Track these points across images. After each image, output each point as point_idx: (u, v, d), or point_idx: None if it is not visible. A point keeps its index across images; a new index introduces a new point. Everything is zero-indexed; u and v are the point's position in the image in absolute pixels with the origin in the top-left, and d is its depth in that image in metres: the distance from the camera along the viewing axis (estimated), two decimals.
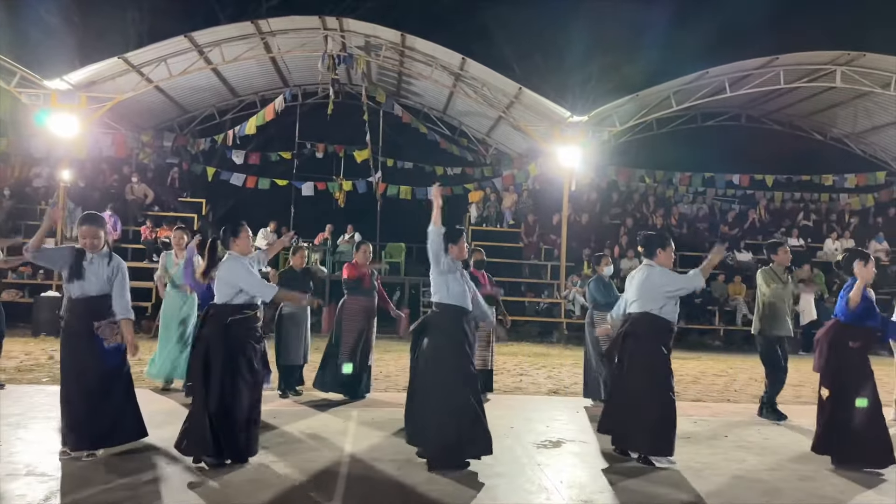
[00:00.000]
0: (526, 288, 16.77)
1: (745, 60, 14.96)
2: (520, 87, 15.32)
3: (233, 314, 4.90)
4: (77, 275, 4.91)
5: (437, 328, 5.16)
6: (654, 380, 5.30)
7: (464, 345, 5.10)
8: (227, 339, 4.87)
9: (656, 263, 5.51)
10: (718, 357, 13.32)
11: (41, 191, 16.67)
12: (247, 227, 5.23)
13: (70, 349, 4.95)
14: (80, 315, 4.93)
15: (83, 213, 5.25)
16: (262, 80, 18.20)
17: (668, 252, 5.54)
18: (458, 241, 5.24)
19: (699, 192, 20.16)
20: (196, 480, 4.50)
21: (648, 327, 5.38)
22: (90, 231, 4.99)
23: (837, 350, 5.45)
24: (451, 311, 5.15)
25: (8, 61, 13.93)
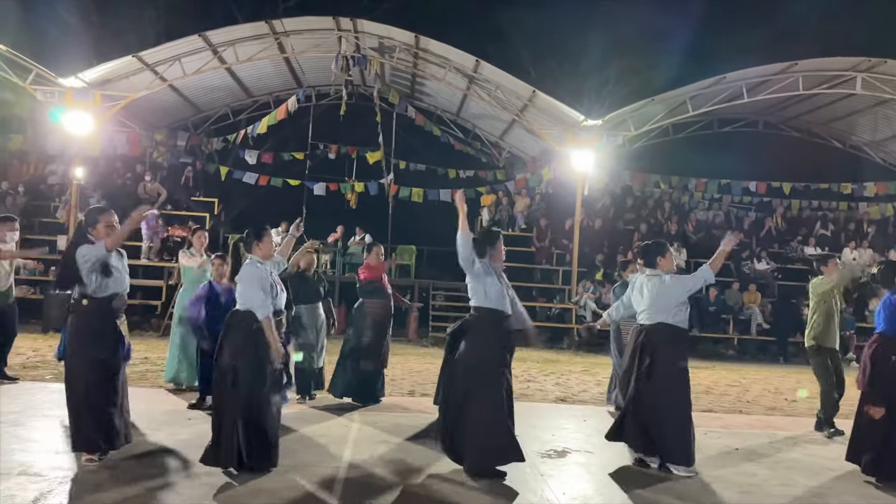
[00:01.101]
0: (537, 293, 16.64)
1: (763, 66, 14.75)
2: (534, 90, 15.20)
3: (257, 321, 4.78)
4: (107, 272, 4.80)
5: (476, 333, 5.06)
6: (676, 389, 5.23)
7: (503, 350, 5.03)
8: (256, 347, 4.75)
9: (661, 271, 5.42)
10: (732, 367, 13.11)
11: (55, 188, 16.77)
12: (270, 231, 5.13)
13: (100, 348, 4.78)
14: (108, 313, 4.84)
15: (98, 207, 5.19)
16: (276, 80, 18.21)
17: (668, 258, 5.49)
18: (496, 244, 5.21)
19: (715, 199, 19.92)
20: (192, 484, 4.42)
21: (665, 337, 5.30)
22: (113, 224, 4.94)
23: (883, 366, 5.27)
24: (490, 314, 5.04)
25: (23, 58, 14.00)
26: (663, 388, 5.23)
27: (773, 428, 7.38)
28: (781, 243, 18.24)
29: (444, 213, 19.77)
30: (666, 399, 5.22)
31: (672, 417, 5.18)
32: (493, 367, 4.96)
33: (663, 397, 5.22)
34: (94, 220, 4.89)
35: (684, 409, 5.25)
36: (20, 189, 16.36)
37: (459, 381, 5.01)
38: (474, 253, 5.05)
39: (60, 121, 14.52)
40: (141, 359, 9.81)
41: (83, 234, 4.88)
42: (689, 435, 5.20)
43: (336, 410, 7.02)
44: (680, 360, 5.31)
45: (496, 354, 5.01)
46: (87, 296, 4.77)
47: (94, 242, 4.80)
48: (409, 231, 18.82)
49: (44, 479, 4.34)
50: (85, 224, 4.93)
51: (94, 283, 4.75)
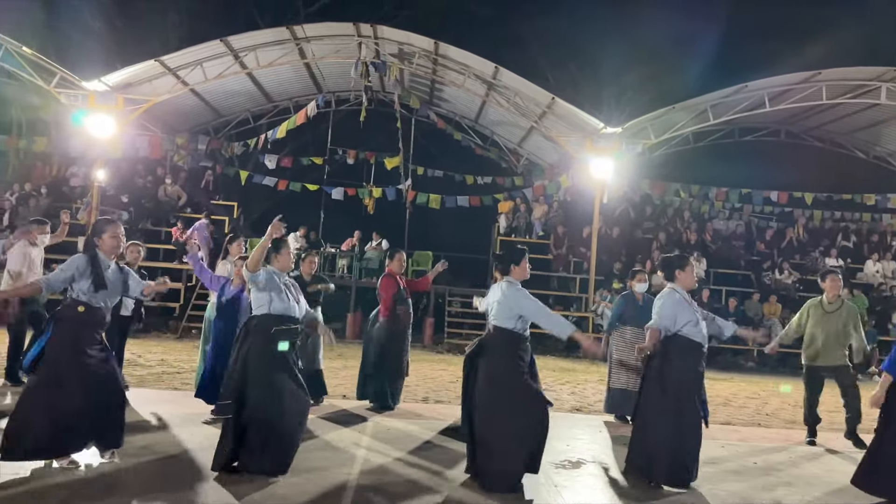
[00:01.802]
0: (554, 301, 16.51)
1: (786, 75, 14.60)
2: (553, 97, 15.16)
3: (276, 325, 4.82)
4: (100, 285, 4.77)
5: (494, 354, 5.02)
6: (681, 403, 5.10)
7: (521, 367, 4.97)
8: (270, 352, 4.78)
9: (677, 285, 5.37)
10: (751, 379, 12.93)
11: (77, 190, 16.96)
12: (289, 243, 5.15)
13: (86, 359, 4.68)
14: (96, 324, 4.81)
15: (105, 218, 5.20)
16: (297, 85, 18.32)
17: (687, 272, 5.41)
18: (520, 262, 5.22)
19: (735, 209, 19.72)
20: (203, 487, 4.42)
21: (674, 348, 5.19)
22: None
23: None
24: (512, 336, 5.02)
25: (49, 62, 14.21)
26: (670, 401, 5.09)
27: (792, 442, 7.26)
28: (803, 254, 18.00)
29: (461, 219, 19.83)
30: (672, 412, 5.08)
31: (676, 434, 5.05)
32: (512, 384, 4.89)
33: (670, 410, 5.08)
34: (101, 230, 4.88)
35: (691, 424, 5.11)
36: (43, 190, 16.56)
37: (479, 403, 4.96)
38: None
39: (83, 123, 14.70)
40: (158, 361, 9.88)
41: (93, 245, 4.87)
42: (693, 453, 5.09)
43: (348, 416, 7.00)
44: (689, 373, 5.17)
45: (514, 372, 4.94)
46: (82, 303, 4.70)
47: (96, 254, 4.80)
48: (425, 237, 18.84)
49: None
50: (92, 234, 4.92)
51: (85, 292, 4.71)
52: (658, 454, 5.06)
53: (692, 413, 5.13)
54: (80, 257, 4.78)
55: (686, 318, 5.20)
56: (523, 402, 4.86)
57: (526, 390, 4.91)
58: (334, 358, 10.99)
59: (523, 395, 4.88)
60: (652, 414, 5.16)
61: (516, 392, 4.87)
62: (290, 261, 5.11)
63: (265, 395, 4.70)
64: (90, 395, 4.60)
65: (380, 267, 15.50)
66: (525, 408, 4.84)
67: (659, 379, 5.17)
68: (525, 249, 5.40)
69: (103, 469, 4.66)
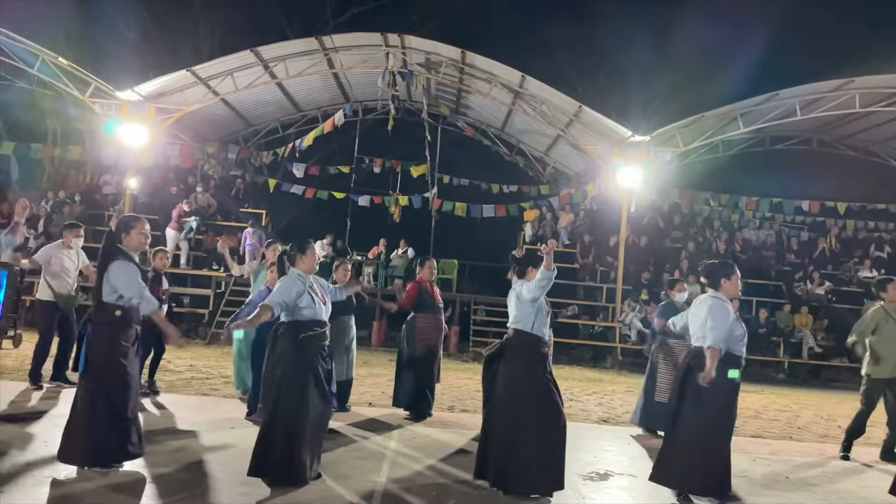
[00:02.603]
0: (580, 310, 16.43)
1: (818, 82, 14.37)
2: (580, 106, 15.10)
3: (304, 331, 4.85)
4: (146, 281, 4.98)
5: (514, 357, 5.03)
6: (721, 418, 4.98)
7: (542, 372, 4.99)
8: (301, 357, 4.81)
9: (721, 294, 5.18)
10: (782, 391, 12.70)
11: (110, 198, 17.27)
12: (314, 246, 5.19)
13: (129, 359, 4.80)
14: (134, 324, 4.89)
15: (132, 215, 5.28)
16: (325, 95, 18.49)
17: (733, 281, 5.21)
18: (538, 267, 5.15)
19: (766, 218, 19.43)
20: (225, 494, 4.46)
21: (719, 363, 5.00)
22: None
23: None
24: (530, 339, 5.04)
25: (84, 72, 14.52)
26: (705, 415, 4.96)
27: (825, 456, 7.10)
28: (835, 265, 17.67)
29: (486, 227, 19.83)
30: (707, 426, 4.95)
31: (712, 448, 4.93)
32: (533, 388, 4.89)
33: (705, 424, 4.95)
34: (129, 226, 4.88)
35: (723, 438, 5.00)
36: (77, 198, 16.90)
37: (498, 407, 4.97)
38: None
39: (116, 132, 14.96)
40: (187, 366, 9.99)
41: (115, 242, 4.86)
42: (727, 466, 4.98)
43: (375, 425, 7.02)
44: (725, 386, 5.00)
45: (536, 377, 4.94)
46: (119, 307, 4.76)
47: (127, 253, 4.84)
48: (451, 245, 18.87)
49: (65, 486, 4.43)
50: (117, 230, 4.90)
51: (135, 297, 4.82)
52: (694, 466, 4.93)
53: (730, 426, 5.03)
54: (124, 264, 4.79)
55: (740, 332, 5.07)
56: (543, 408, 4.85)
57: (546, 396, 4.90)
58: (360, 365, 11.00)
59: (544, 401, 4.88)
60: (690, 426, 4.99)
61: (537, 397, 4.87)
62: (314, 263, 5.11)
63: (293, 404, 4.72)
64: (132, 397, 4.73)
65: (406, 275, 15.56)
66: (544, 415, 4.84)
67: (698, 392, 4.96)
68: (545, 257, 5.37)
69: (132, 474, 4.72)
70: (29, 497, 4.17)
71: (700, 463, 4.92)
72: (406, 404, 7.51)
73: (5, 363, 9.12)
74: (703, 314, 5.05)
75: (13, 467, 4.66)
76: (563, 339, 14.96)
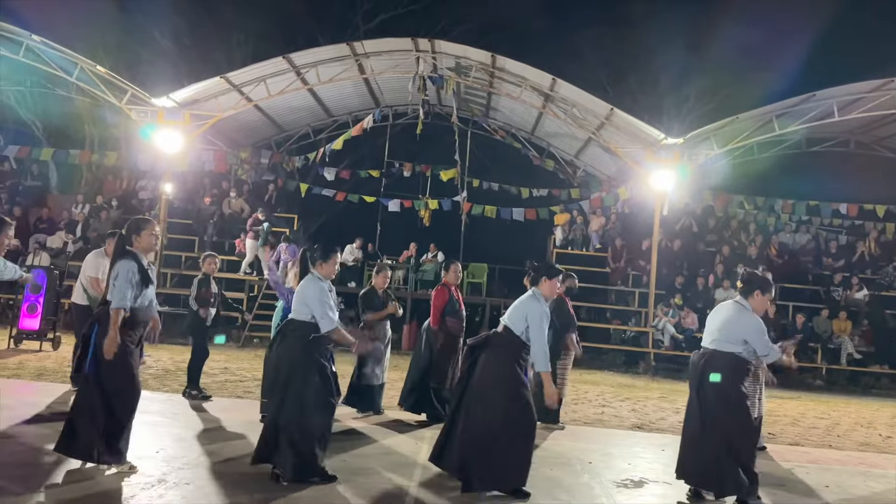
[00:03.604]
0: (612, 315, 16.27)
1: (856, 83, 14.06)
2: (611, 108, 14.97)
3: (314, 332, 4.91)
4: (148, 282, 4.94)
5: (495, 350, 5.07)
6: (735, 420, 4.95)
7: (518, 372, 4.99)
8: (305, 357, 4.87)
9: (749, 304, 5.14)
10: (820, 398, 12.42)
11: (146, 203, 17.59)
12: (338, 254, 5.24)
13: (134, 359, 4.88)
14: (141, 324, 4.96)
15: (142, 217, 5.37)
16: (356, 100, 18.61)
17: (765, 298, 5.18)
18: (552, 279, 5.22)
19: (803, 221, 19.04)
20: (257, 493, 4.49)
21: (726, 366, 5.01)
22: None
23: None
24: (514, 339, 5.04)
25: (120, 80, 14.81)
26: (720, 417, 4.96)
27: (866, 465, 6.93)
28: (875, 269, 17.25)
29: (516, 231, 19.76)
30: (726, 428, 4.94)
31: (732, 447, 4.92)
32: (504, 385, 4.92)
33: (723, 425, 4.95)
34: (140, 228, 4.97)
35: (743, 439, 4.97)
36: (114, 203, 17.25)
37: (469, 394, 5.05)
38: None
39: (152, 138, 15.23)
40: (221, 369, 10.11)
41: (125, 244, 4.95)
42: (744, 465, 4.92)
43: (405, 427, 7.03)
44: (738, 391, 4.99)
45: (512, 373, 4.96)
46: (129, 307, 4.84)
47: (134, 254, 4.90)
48: (481, 249, 18.83)
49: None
50: (128, 232, 4.98)
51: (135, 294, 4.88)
52: (721, 469, 4.91)
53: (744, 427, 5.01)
54: (126, 262, 4.85)
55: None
56: (514, 407, 4.86)
57: (518, 397, 4.89)
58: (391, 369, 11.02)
59: (515, 400, 4.88)
60: (708, 427, 4.99)
61: (509, 395, 4.89)
62: (334, 270, 5.20)
63: (296, 400, 4.80)
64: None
65: (435, 279, 15.56)
66: (514, 415, 4.85)
67: (722, 397, 4.98)
68: (563, 272, 5.33)
69: (163, 476, 4.79)
70: (69, 494, 4.25)
71: (713, 461, 4.92)
72: (419, 407, 7.46)
73: (45, 365, 9.34)
74: (725, 317, 5.11)
75: (53, 466, 4.75)
76: (595, 344, 14.84)
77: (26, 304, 10.86)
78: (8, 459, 4.88)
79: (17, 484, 4.35)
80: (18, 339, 10.79)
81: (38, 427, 5.82)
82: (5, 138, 19.16)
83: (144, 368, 9.17)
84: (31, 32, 13.96)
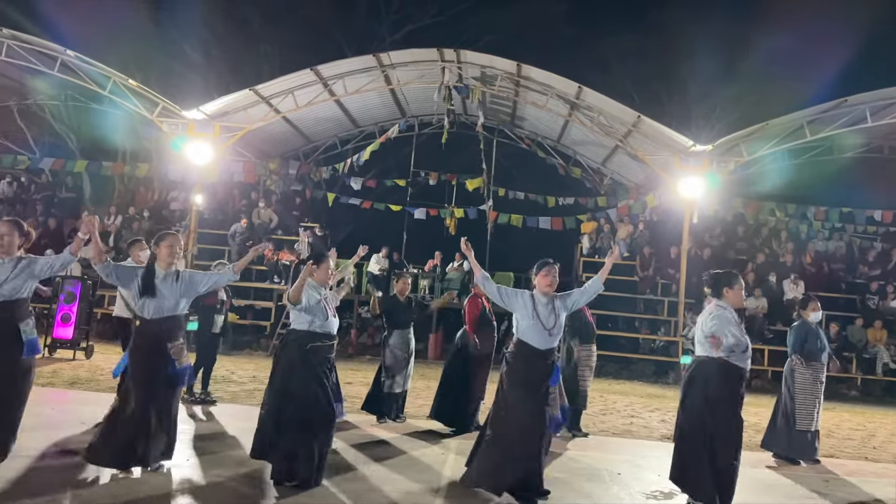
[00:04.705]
0: (640, 324, 16.10)
1: (889, 88, 13.78)
2: (638, 116, 14.88)
3: (312, 341, 5.01)
4: (150, 292, 4.98)
5: (509, 361, 5.17)
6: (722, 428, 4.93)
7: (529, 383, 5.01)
8: (304, 366, 4.98)
9: (726, 303, 5.14)
10: (855, 409, 12.15)
11: (177, 213, 17.87)
12: (330, 260, 5.37)
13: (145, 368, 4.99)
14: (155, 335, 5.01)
15: (167, 231, 5.44)
16: (382, 111, 18.74)
17: (737, 289, 5.18)
18: (537, 274, 5.33)
19: (836, 228, 18.71)
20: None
21: (714, 372, 4.99)
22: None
23: None
24: (524, 347, 5.10)
25: (151, 93, 15.10)
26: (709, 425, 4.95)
27: None
28: None
29: (542, 240, 19.66)
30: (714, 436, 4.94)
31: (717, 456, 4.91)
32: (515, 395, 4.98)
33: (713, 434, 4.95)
34: (160, 240, 5.14)
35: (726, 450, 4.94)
36: (145, 213, 17.55)
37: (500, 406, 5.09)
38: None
39: (182, 150, 15.48)
40: (249, 377, 10.21)
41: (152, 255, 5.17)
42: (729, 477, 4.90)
43: (431, 436, 7.02)
44: (728, 399, 4.98)
45: (526, 386, 5.01)
46: (138, 317, 5.03)
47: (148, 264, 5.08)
48: (507, 258, 18.78)
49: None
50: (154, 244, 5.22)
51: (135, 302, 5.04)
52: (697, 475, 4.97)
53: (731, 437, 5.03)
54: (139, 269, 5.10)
55: (743, 345, 5.01)
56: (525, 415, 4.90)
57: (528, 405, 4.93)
58: (416, 378, 11.04)
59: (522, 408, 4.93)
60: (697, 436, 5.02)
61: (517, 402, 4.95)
62: (328, 276, 5.31)
63: (293, 405, 4.90)
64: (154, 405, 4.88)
65: (461, 288, 15.55)
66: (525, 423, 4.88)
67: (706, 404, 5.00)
68: (547, 262, 5.36)
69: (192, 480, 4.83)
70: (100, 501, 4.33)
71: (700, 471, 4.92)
72: (448, 418, 7.45)
73: (79, 373, 9.50)
74: (700, 322, 5.17)
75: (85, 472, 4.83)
76: (624, 354, 14.71)
77: (60, 313, 11.09)
78: (42, 465, 4.97)
79: (51, 490, 4.42)
80: (53, 348, 11.02)
81: (72, 435, 5.92)
82: (41, 151, 19.64)
83: None
84: (66, 48, 14.31)
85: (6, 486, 4.43)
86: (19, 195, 18.85)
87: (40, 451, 5.27)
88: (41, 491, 4.39)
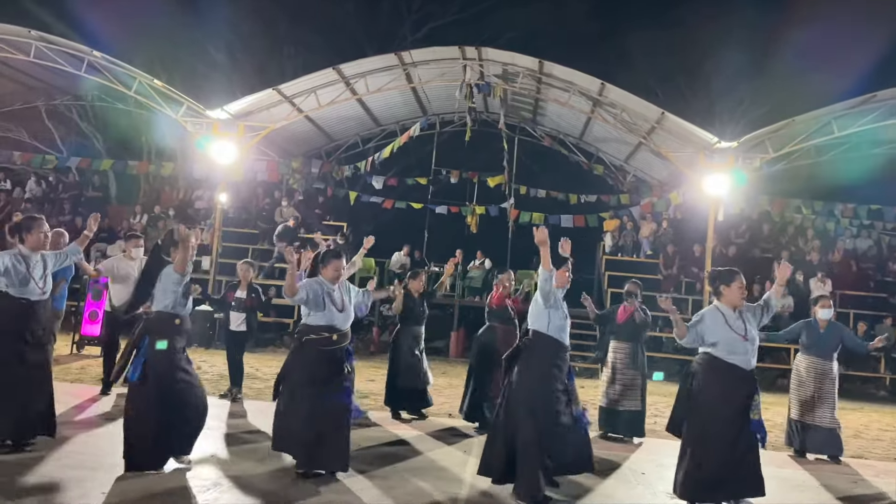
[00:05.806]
0: (663, 323, 15.94)
1: None
2: (662, 112, 14.72)
3: (307, 334, 5.14)
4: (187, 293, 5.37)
5: (528, 357, 5.11)
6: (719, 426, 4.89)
7: (552, 378, 5.00)
8: (301, 356, 5.15)
9: (723, 302, 5.13)
10: (884, 409, 11.93)
11: (201, 212, 18.05)
12: (337, 260, 5.41)
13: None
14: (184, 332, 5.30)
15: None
16: (404, 109, 18.77)
17: (732, 289, 5.13)
18: (560, 267, 5.31)
19: (864, 226, 18.38)
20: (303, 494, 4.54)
21: (710, 371, 5.00)
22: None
23: None
24: (546, 341, 5.06)
25: (176, 93, 15.26)
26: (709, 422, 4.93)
27: None
28: None
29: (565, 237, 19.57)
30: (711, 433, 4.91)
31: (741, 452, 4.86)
32: (542, 394, 4.93)
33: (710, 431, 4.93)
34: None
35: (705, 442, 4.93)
36: (170, 212, 17.76)
37: (513, 405, 5.02)
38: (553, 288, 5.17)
39: (207, 149, 15.62)
40: (273, 374, 10.25)
41: (161, 254, 5.30)
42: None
43: (454, 434, 7.02)
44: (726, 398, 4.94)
45: (544, 381, 4.99)
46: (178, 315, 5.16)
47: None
48: (529, 256, 18.68)
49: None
50: (163, 243, 5.34)
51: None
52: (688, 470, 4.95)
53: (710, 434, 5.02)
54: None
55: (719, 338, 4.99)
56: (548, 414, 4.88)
57: (547, 402, 4.90)
58: (438, 375, 11.06)
59: (547, 408, 4.90)
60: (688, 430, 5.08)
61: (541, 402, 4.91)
62: (336, 274, 5.37)
63: (298, 396, 5.09)
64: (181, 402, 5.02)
65: (483, 286, 15.53)
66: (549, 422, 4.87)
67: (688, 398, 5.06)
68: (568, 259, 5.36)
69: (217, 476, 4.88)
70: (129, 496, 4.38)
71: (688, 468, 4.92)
72: (474, 416, 7.43)
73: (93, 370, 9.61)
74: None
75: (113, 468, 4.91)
76: (648, 353, 14.56)
77: (88, 310, 11.26)
78: (70, 461, 5.06)
79: (78, 486, 4.50)
80: (81, 345, 11.20)
81: (100, 429, 6.01)
82: (68, 150, 19.94)
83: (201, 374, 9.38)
84: (92, 49, 14.50)
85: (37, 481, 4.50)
86: (47, 194, 19.16)
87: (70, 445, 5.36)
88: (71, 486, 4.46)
